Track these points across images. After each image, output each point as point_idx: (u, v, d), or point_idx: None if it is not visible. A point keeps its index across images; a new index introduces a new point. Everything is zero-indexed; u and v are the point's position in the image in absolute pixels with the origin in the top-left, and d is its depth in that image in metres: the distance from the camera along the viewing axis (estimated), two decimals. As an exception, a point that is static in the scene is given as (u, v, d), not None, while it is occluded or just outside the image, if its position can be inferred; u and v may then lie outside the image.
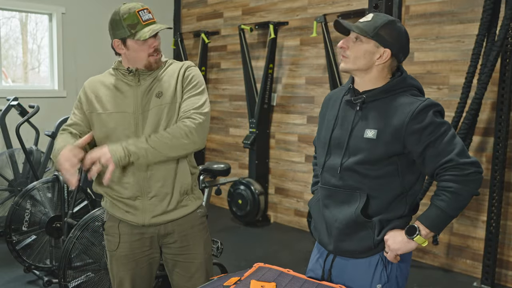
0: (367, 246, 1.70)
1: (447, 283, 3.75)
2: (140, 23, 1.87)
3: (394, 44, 1.66)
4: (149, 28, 1.87)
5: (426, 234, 1.62)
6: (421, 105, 1.60)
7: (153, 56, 1.92)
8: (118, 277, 2.06)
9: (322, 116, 1.87)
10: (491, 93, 3.58)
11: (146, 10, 1.91)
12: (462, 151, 1.59)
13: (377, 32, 1.64)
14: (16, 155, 4.42)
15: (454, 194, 1.57)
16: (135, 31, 1.87)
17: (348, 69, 1.70)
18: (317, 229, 1.85)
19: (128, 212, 1.98)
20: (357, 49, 1.66)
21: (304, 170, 4.97)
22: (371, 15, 1.69)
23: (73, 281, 2.88)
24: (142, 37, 1.86)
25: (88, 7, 5.48)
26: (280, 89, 5.15)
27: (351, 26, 1.66)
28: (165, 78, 1.96)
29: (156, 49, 1.93)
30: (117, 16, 1.89)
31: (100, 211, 2.91)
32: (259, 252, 4.36)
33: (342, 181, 1.70)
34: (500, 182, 3.51)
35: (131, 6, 1.89)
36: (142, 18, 1.88)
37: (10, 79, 5.41)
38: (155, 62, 1.94)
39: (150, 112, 1.92)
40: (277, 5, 5.10)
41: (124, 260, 2.02)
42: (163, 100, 1.92)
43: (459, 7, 3.76)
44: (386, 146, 1.62)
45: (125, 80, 1.96)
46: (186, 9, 6.23)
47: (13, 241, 3.53)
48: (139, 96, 1.93)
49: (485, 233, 3.60)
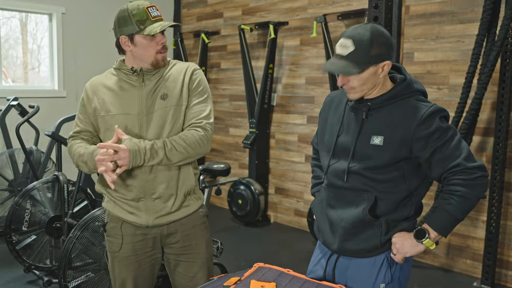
0: (373, 245, 1.71)
1: (447, 283, 3.75)
2: (149, 19, 1.87)
3: (388, 51, 1.64)
4: (159, 24, 1.87)
5: (434, 237, 1.64)
6: (428, 111, 1.61)
7: (161, 53, 1.91)
8: (120, 278, 2.05)
9: (323, 118, 1.87)
10: (491, 93, 3.58)
11: (154, 7, 1.91)
12: (469, 155, 1.61)
13: (371, 56, 1.60)
14: (16, 155, 4.42)
15: (462, 197, 1.59)
16: (144, 27, 1.86)
17: (359, 97, 1.68)
18: (320, 230, 1.85)
19: (131, 213, 1.97)
20: (360, 78, 1.63)
21: (304, 170, 4.97)
22: (349, 41, 1.60)
23: (73, 281, 2.88)
24: (152, 31, 1.85)
25: (88, 7, 5.48)
26: (280, 89, 5.15)
27: (347, 71, 1.61)
28: (171, 79, 1.95)
29: (164, 46, 1.92)
30: (125, 12, 1.88)
31: (100, 211, 2.91)
32: (259, 252, 4.35)
33: (349, 183, 1.70)
34: (500, 182, 3.51)
35: (139, 3, 1.89)
36: (151, 14, 1.87)
37: (10, 79, 5.41)
38: (163, 59, 1.93)
39: (155, 114, 1.90)
40: (277, 5, 5.10)
41: (127, 261, 2.02)
42: (168, 102, 1.91)
43: (459, 7, 3.76)
44: (393, 152, 1.63)
45: (129, 80, 1.95)
46: (186, 9, 6.23)
47: (13, 241, 3.53)
48: (144, 97, 1.92)
49: (485, 233, 3.60)
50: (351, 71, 1.60)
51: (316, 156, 2.03)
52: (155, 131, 1.90)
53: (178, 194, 1.97)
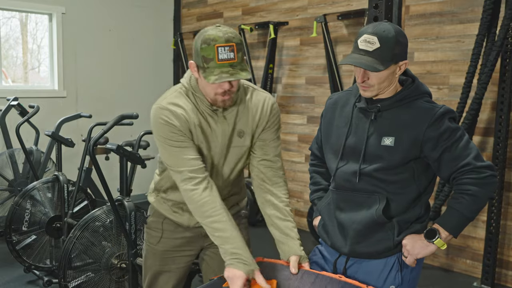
0: (386, 247, 1.70)
1: (447, 283, 3.75)
2: (214, 60, 1.60)
3: (406, 50, 1.66)
4: (220, 71, 1.60)
5: (445, 237, 1.64)
6: (439, 112, 1.62)
7: (221, 96, 1.69)
8: (152, 270, 2.03)
9: (328, 121, 1.85)
10: (491, 93, 3.58)
11: (230, 47, 1.60)
12: (478, 155, 1.62)
13: (394, 54, 1.60)
14: (16, 155, 4.42)
15: (473, 196, 1.60)
16: (207, 66, 1.62)
17: (374, 95, 1.68)
18: (328, 233, 1.83)
19: (175, 213, 1.96)
20: (380, 77, 1.62)
21: (304, 170, 4.97)
22: (375, 38, 1.59)
23: (73, 281, 2.88)
24: (207, 79, 1.62)
25: (88, 7, 5.47)
26: (280, 89, 5.15)
27: (374, 67, 1.58)
28: (247, 114, 1.80)
29: (225, 92, 1.68)
30: (198, 42, 1.65)
31: (100, 211, 2.91)
32: (259, 252, 4.32)
33: (360, 185, 1.70)
34: (500, 182, 3.51)
35: (215, 37, 1.61)
36: (218, 56, 1.60)
37: (10, 79, 5.41)
38: (223, 102, 1.71)
39: (231, 151, 1.83)
40: (277, 5, 5.10)
41: (163, 255, 2.00)
42: (245, 141, 1.83)
43: (459, 7, 3.76)
44: (404, 153, 1.63)
45: (207, 110, 1.76)
46: (186, 9, 6.23)
47: (13, 241, 3.53)
48: (226, 134, 1.79)
49: (485, 233, 3.60)
50: (378, 67, 1.58)
51: (315, 162, 2.00)
52: (229, 169, 1.86)
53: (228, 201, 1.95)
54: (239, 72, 1.62)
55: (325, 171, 1.94)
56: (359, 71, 1.64)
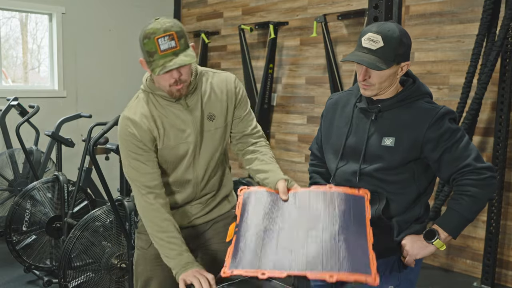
0: (385, 247, 1.69)
1: (447, 283, 3.75)
2: (157, 52, 1.60)
3: (409, 51, 1.66)
4: (163, 61, 1.60)
5: (445, 238, 1.64)
6: (439, 113, 1.62)
7: (174, 86, 1.68)
8: (143, 276, 2.00)
9: (328, 121, 1.85)
10: (491, 93, 3.58)
11: (169, 36, 1.60)
12: (478, 156, 1.61)
13: (397, 54, 1.60)
14: (16, 155, 4.42)
15: (473, 197, 1.60)
16: (152, 60, 1.63)
17: (374, 94, 1.68)
18: None
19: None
20: (381, 76, 1.62)
21: (304, 170, 4.97)
22: (379, 37, 1.59)
23: (73, 281, 2.88)
24: (154, 71, 1.63)
25: (88, 7, 5.47)
26: (280, 89, 5.15)
27: (377, 66, 1.58)
28: (213, 97, 1.82)
29: (176, 81, 1.67)
30: (140, 36, 1.65)
31: (100, 211, 2.91)
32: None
33: (360, 185, 1.69)
34: (500, 182, 3.51)
35: (154, 30, 1.61)
36: (160, 47, 1.60)
37: (10, 79, 5.41)
38: (178, 92, 1.71)
39: (206, 136, 1.82)
40: (277, 5, 5.10)
41: (155, 260, 1.95)
42: (217, 123, 1.83)
43: (459, 7, 3.76)
44: (404, 153, 1.64)
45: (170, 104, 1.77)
46: (186, 9, 6.23)
47: (13, 241, 3.53)
48: (197, 121, 1.79)
49: (485, 233, 3.60)
50: (380, 66, 1.58)
51: (314, 162, 2.00)
52: (208, 155, 1.86)
53: (216, 198, 1.96)
54: (183, 58, 1.62)
55: (324, 171, 1.94)
56: (360, 69, 1.64)
